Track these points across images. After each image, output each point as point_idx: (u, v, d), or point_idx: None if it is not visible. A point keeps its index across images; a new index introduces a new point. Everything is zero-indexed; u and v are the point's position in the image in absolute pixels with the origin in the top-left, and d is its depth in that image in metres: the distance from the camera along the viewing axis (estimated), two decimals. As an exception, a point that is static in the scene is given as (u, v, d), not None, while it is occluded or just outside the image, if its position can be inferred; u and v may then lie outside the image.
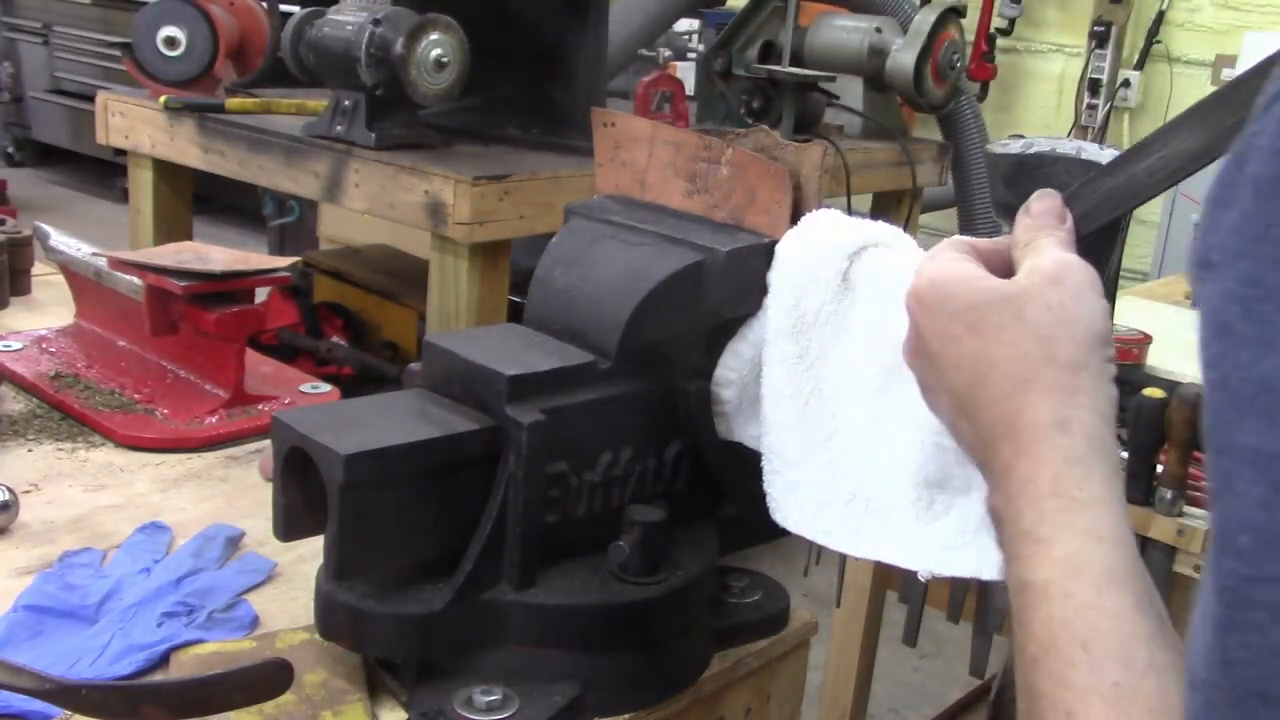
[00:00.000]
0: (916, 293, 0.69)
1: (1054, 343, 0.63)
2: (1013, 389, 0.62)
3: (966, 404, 0.66)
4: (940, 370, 0.68)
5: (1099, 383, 0.63)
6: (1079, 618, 0.55)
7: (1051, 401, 0.61)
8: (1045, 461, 0.60)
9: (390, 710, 0.87)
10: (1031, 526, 0.59)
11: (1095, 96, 4.78)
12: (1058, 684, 0.53)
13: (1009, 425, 0.62)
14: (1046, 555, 0.57)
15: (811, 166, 0.94)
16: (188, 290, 1.28)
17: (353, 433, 0.82)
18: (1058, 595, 0.56)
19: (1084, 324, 0.64)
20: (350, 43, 2.13)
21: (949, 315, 0.66)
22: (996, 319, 0.64)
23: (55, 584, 0.97)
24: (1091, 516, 0.59)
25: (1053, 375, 0.62)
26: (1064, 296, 0.64)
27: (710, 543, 0.97)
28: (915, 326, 0.70)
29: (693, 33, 4.00)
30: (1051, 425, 0.61)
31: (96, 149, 5.08)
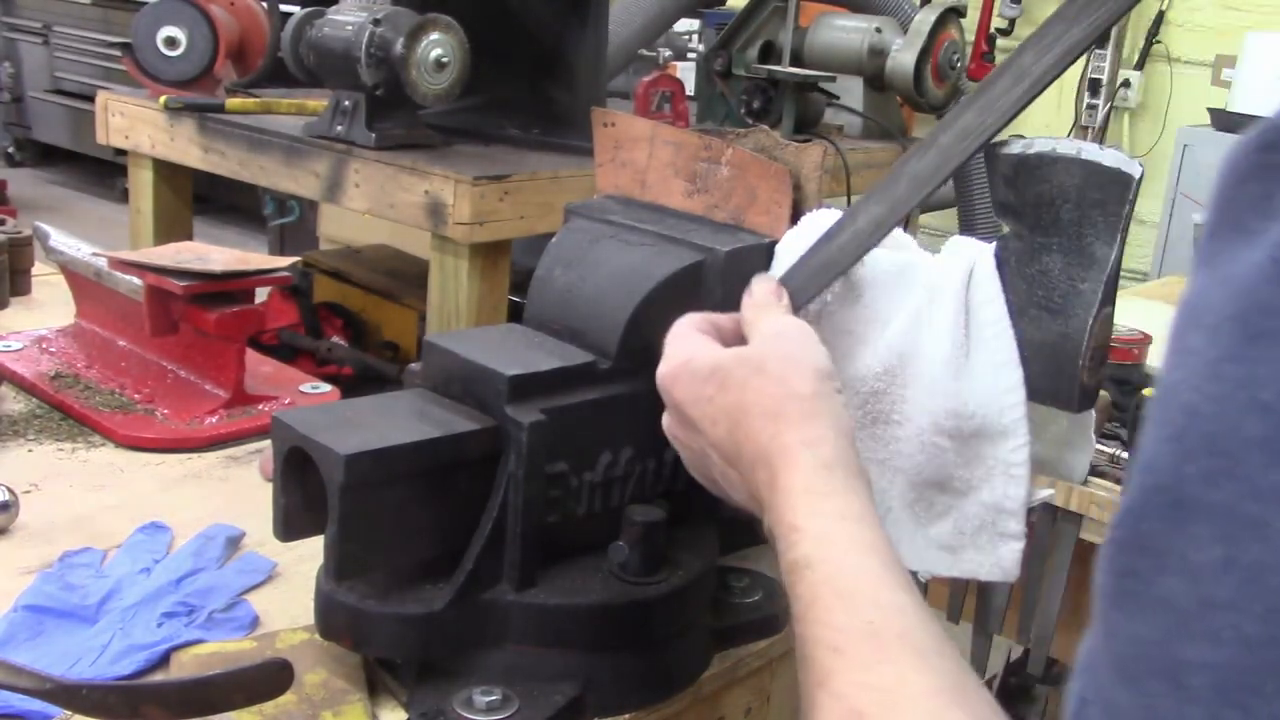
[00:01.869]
0: (668, 375, 0.79)
1: (791, 382, 0.74)
2: (765, 424, 0.73)
3: (730, 450, 0.75)
4: (702, 430, 0.77)
5: (834, 406, 0.74)
6: (835, 576, 0.64)
7: (799, 427, 0.72)
8: (798, 471, 0.70)
9: (390, 710, 0.87)
10: (790, 520, 0.68)
11: (1095, 96, 4.77)
12: (822, 627, 0.62)
13: (767, 453, 0.72)
14: (804, 536, 0.67)
15: (811, 166, 0.94)
16: (188, 290, 1.28)
17: (353, 433, 0.82)
18: (816, 562, 0.65)
19: (811, 364, 0.75)
20: (350, 43, 2.13)
21: (700, 381, 0.77)
22: (740, 374, 0.75)
23: (55, 584, 0.97)
24: (838, 503, 0.68)
25: (796, 406, 0.73)
26: (791, 346, 0.77)
27: (710, 543, 0.97)
28: (672, 404, 0.80)
29: (693, 33, 4.00)
30: (801, 444, 0.71)
31: (96, 149, 5.08)
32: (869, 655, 0.60)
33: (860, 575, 0.64)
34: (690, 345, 0.80)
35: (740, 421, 0.74)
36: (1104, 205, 0.77)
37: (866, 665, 0.59)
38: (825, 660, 0.61)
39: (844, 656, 0.60)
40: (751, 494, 0.74)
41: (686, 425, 0.79)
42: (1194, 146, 4.05)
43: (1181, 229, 3.83)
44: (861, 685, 0.59)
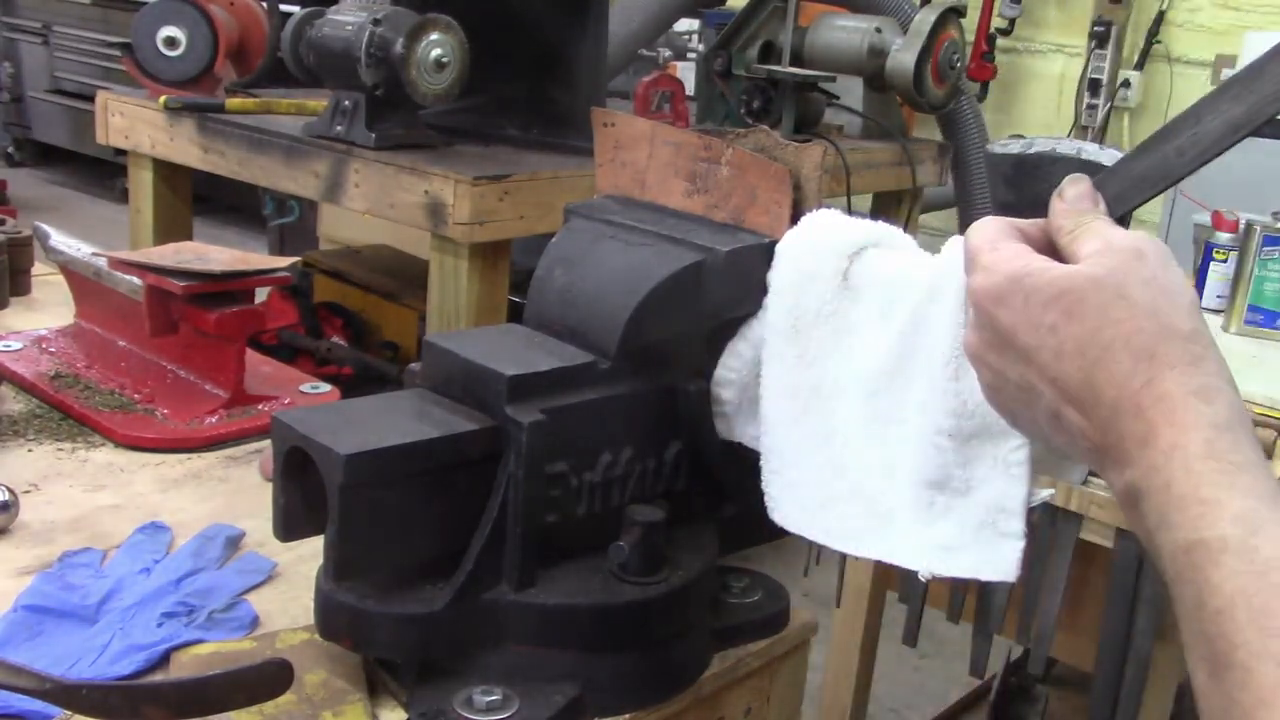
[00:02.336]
0: (992, 290, 0.68)
1: (1164, 315, 0.62)
2: (1135, 366, 0.61)
3: (1079, 390, 0.64)
4: (1037, 362, 0.66)
5: (1217, 349, 0.63)
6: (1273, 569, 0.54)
7: (1183, 372, 0.60)
8: (1193, 428, 0.59)
9: (390, 710, 0.87)
10: (1191, 490, 0.58)
11: (1095, 96, 4.77)
12: (1261, 633, 0.52)
13: (1139, 400, 0.61)
14: (1219, 513, 0.56)
15: (811, 166, 0.94)
16: (188, 290, 1.28)
17: (353, 433, 0.82)
18: (1241, 549, 0.55)
19: (1184, 293, 0.64)
20: (350, 43, 2.13)
21: (1039, 305, 0.65)
22: (1096, 300, 0.63)
23: (55, 584, 0.97)
24: (1253, 478, 0.58)
25: (1176, 347, 0.61)
26: (1155, 270, 0.64)
27: (710, 543, 0.97)
28: (996, 326, 0.68)
29: (693, 33, 4.00)
30: (1190, 394, 0.60)
31: (96, 149, 5.08)
32: None
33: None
34: (1016, 257, 0.67)
35: (1100, 359, 0.62)
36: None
37: None
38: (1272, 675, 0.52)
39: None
40: (1099, 444, 0.63)
41: (1009, 351, 0.67)
42: (1194, 146, 4.05)
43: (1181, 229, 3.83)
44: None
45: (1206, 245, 2.51)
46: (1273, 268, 2.30)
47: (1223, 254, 2.46)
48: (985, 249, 0.69)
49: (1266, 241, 2.30)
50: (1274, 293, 2.31)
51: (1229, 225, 2.49)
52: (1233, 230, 2.47)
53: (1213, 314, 2.44)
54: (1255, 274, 2.30)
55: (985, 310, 0.68)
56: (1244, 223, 2.38)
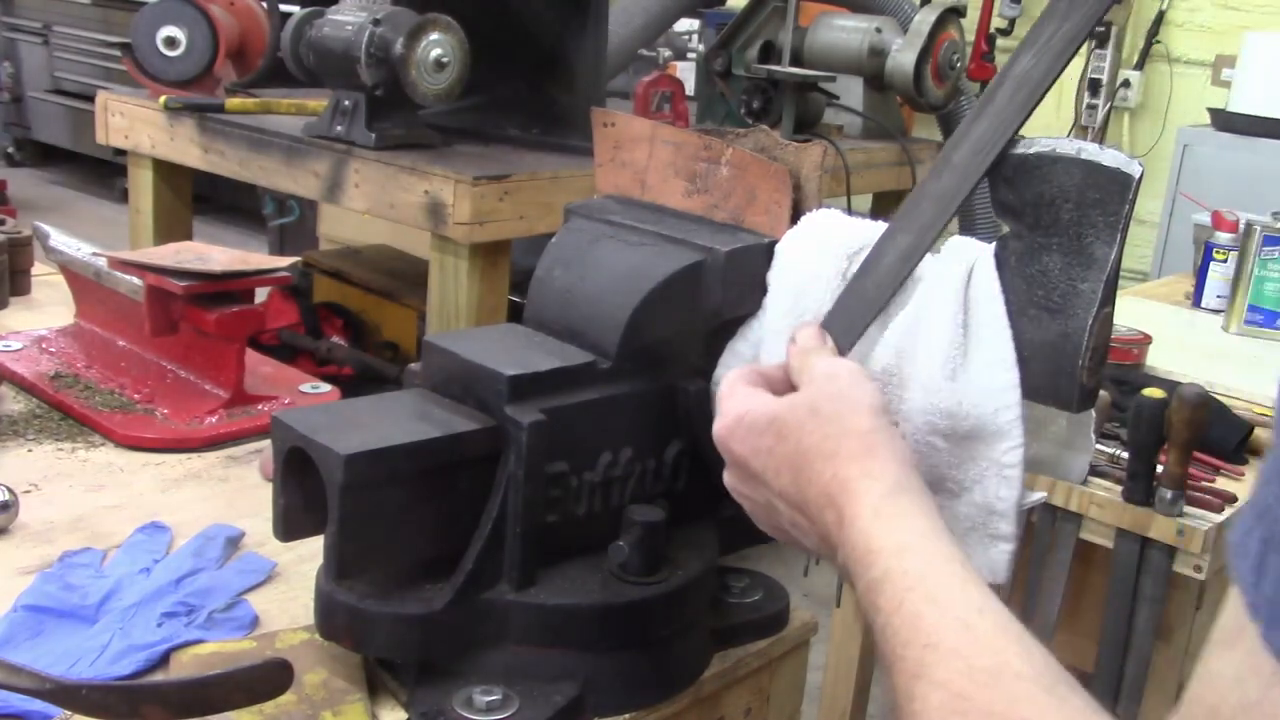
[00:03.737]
0: (725, 429, 0.79)
1: (845, 420, 0.74)
2: (825, 465, 0.73)
3: (795, 497, 0.75)
4: (766, 482, 0.77)
5: (891, 438, 0.74)
6: (920, 583, 0.64)
7: (859, 461, 0.72)
8: (865, 500, 0.70)
9: (390, 710, 0.87)
10: (865, 545, 0.68)
11: (1095, 96, 4.77)
12: (911, 629, 0.62)
13: (830, 492, 0.72)
14: (880, 555, 0.67)
15: (811, 166, 0.94)
16: (188, 290, 1.28)
17: (353, 433, 0.82)
18: (896, 574, 0.65)
19: (864, 401, 0.76)
20: (350, 43, 2.13)
21: (757, 433, 0.77)
22: (795, 420, 0.76)
23: (55, 584, 0.97)
24: (911, 523, 0.68)
25: (854, 443, 0.73)
26: (841, 386, 0.77)
27: (710, 543, 0.97)
28: (733, 460, 0.80)
29: (693, 33, 4.00)
30: (863, 477, 0.71)
31: (96, 149, 5.08)
32: (967, 645, 0.59)
33: (946, 579, 0.64)
34: (743, 399, 0.80)
35: (802, 467, 0.74)
36: (1104, 205, 0.77)
37: (965, 654, 0.59)
38: (918, 655, 0.60)
39: (939, 650, 0.60)
40: (822, 537, 0.74)
41: (749, 479, 0.79)
42: (1194, 146, 4.05)
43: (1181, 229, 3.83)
44: (963, 671, 0.58)
45: (1206, 245, 2.51)
46: (1273, 268, 2.30)
47: (1223, 254, 2.46)
48: (725, 396, 0.81)
49: (1266, 241, 2.30)
50: (1274, 293, 2.31)
51: (1229, 225, 2.49)
52: (1233, 230, 2.47)
53: (1213, 314, 2.44)
54: (1255, 274, 2.30)
55: (724, 446, 0.80)
56: (1244, 223, 2.38)
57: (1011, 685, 0.56)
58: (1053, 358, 0.80)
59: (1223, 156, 3.90)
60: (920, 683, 0.59)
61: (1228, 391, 1.90)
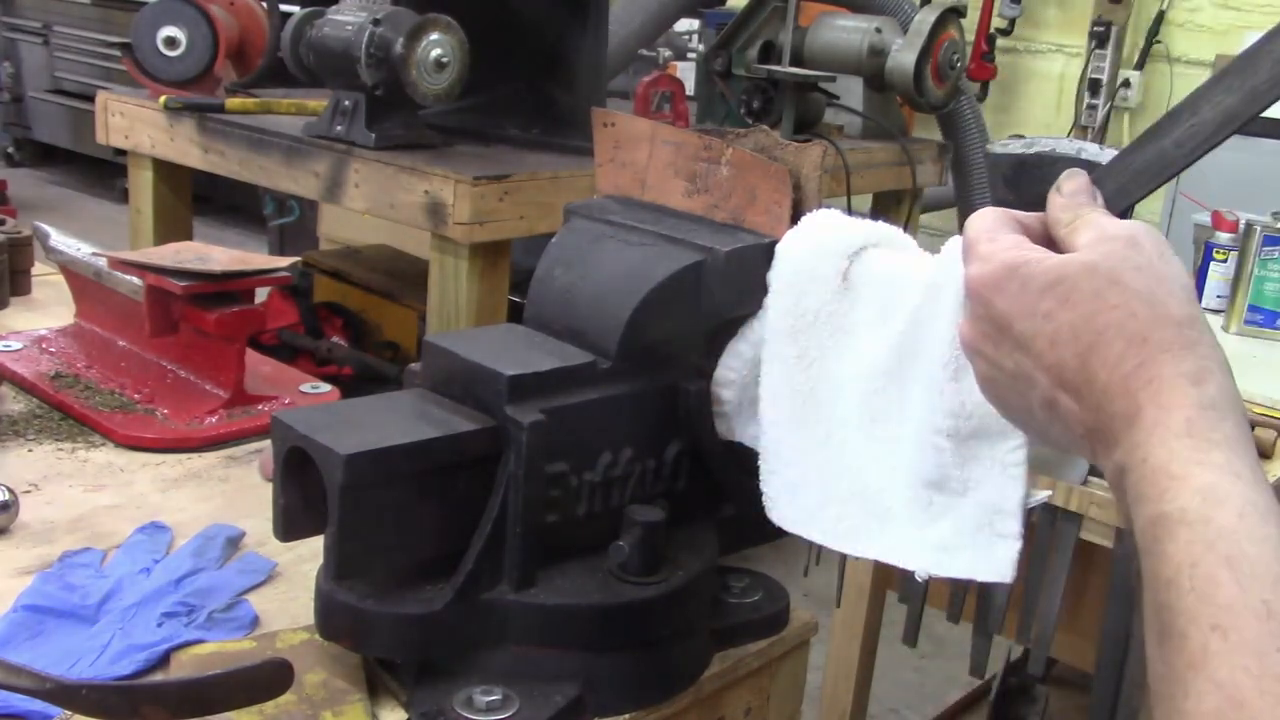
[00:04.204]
0: (989, 278, 0.68)
1: (1158, 301, 0.63)
2: (1128, 349, 0.62)
3: (1074, 375, 0.64)
4: (1035, 350, 0.66)
5: (1211, 334, 0.63)
6: (1222, 539, 0.54)
7: (1175, 355, 0.61)
8: (1177, 408, 0.59)
9: (390, 710, 0.87)
10: (1164, 464, 0.58)
11: (1095, 96, 4.77)
12: (1200, 600, 0.53)
13: (1130, 383, 0.61)
14: (1184, 487, 0.57)
15: (811, 166, 0.94)
16: (188, 290, 1.28)
17: (353, 433, 0.82)
18: (1197, 521, 0.55)
19: (1178, 280, 0.64)
20: (350, 43, 2.13)
21: (1035, 293, 0.66)
22: (1089, 287, 0.64)
23: (55, 584, 0.97)
24: (1227, 455, 0.58)
25: (1169, 332, 0.62)
26: (1149, 257, 0.65)
27: (710, 543, 0.97)
28: (992, 315, 0.68)
29: (693, 33, 4.00)
30: (1180, 376, 0.60)
31: (96, 149, 5.09)
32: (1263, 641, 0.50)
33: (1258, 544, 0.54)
34: (1013, 248, 0.68)
35: (1095, 343, 0.63)
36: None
37: (1259, 652, 0.50)
38: (1203, 639, 0.52)
39: (1229, 638, 0.51)
40: (1094, 429, 0.64)
41: (1005, 341, 0.68)
42: (1195, 146, 4.05)
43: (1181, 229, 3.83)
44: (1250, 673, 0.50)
45: (1206, 245, 2.51)
46: (1273, 268, 2.30)
47: (1223, 254, 2.46)
48: (983, 239, 0.70)
49: (1266, 241, 2.30)
50: (1274, 293, 2.31)
51: (1229, 225, 2.49)
52: (1233, 230, 2.47)
53: (1213, 314, 2.44)
54: (1255, 274, 2.30)
55: (982, 298, 0.69)
56: (1244, 223, 2.38)
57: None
58: (1053, 358, 0.80)
59: (1223, 156, 3.89)
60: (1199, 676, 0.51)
61: (1228, 391, 1.90)
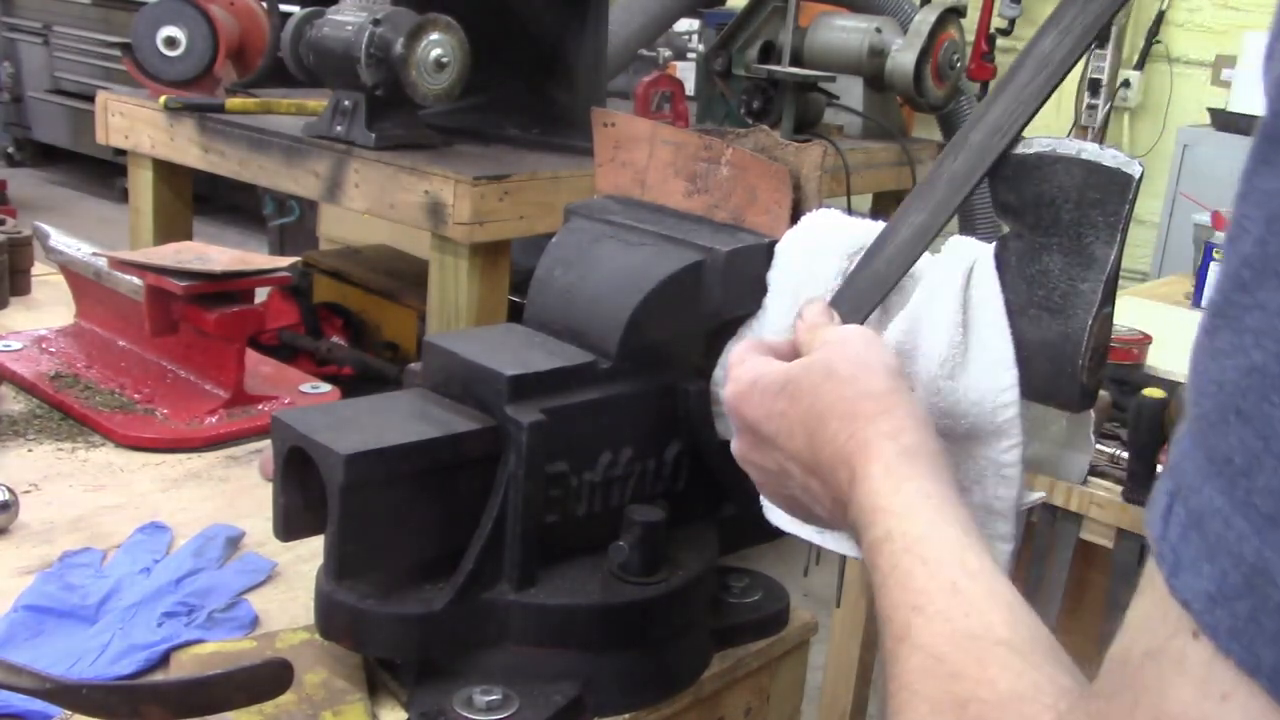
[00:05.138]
0: (737, 394, 0.79)
1: (862, 381, 0.73)
2: (842, 425, 0.72)
3: (809, 459, 0.74)
4: (779, 446, 0.76)
5: (908, 399, 0.73)
6: (917, 544, 0.63)
7: (876, 422, 0.71)
8: (879, 459, 0.69)
9: (390, 710, 0.87)
10: (871, 502, 0.68)
11: (1095, 96, 4.77)
12: (902, 591, 0.61)
13: (846, 452, 0.71)
14: (885, 514, 0.66)
15: (811, 166, 0.94)
16: (188, 290, 1.28)
17: (353, 433, 0.82)
18: (896, 535, 0.65)
19: (880, 362, 0.75)
20: (350, 43, 2.13)
21: (770, 396, 0.76)
22: (810, 381, 0.75)
23: (55, 584, 0.97)
24: (918, 484, 0.67)
25: (870, 404, 0.72)
26: (856, 349, 0.76)
27: (710, 543, 0.97)
28: (744, 424, 0.79)
29: (693, 33, 4.00)
30: (880, 436, 0.70)
31: (96, 149, 5.08)
32: (953, 609, 0.58)
33: (943, 542, 0.63)
34: (755, 365, 0.79)
35: (817, 429, 0.73)
36: (1104, 205, 0.77)
37: (949, 617, 0.58)
38: (905, 618, 0.60)
39: (924, 613, 0.59)
40: (834, 498, 0.73)
41: (761, 444, 0.78)
42: (1194, 146, 4.05)
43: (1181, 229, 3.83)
44: (944, 634, 0.57)
45: (1206, 245, 2.51)
46: (1273, 268, 2.29)
47: (1222, 254, 2.46)
48: (735, 364, 0.81)
49: (1266, 241, 2.29)
50: (1274, 293, 2.30)
51: (1229, 225, 2.49)
52: (1233, 230, 2.46)
53: (1213, 314, 2.43)
54: (1255, 274, 2.30)
55: (736, 412, 0.79)
56: (1244, 223, 2.38)
57: (988, 649, 0.55)
58: (1053, 358, 0.80)
59: (1223, 156, 3.90)
60: (904, 645, 0.59)
61: (1228, 391, 1.90)
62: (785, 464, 0.77)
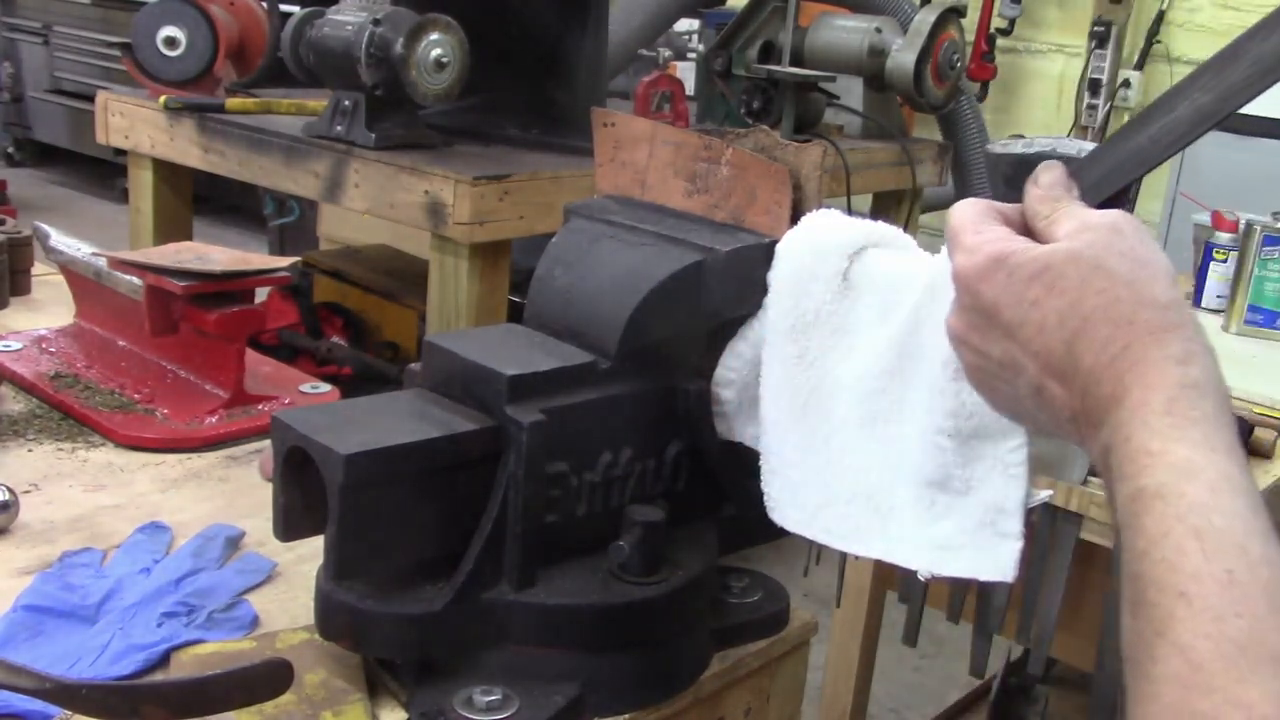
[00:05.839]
0: (976, 268, 0.69)
1: (1141, 285, 0.64)
2: (1114, 332, 0.63)
3: (1061, 361, 0.65)
4: (1023, 337, 0.67)
5: (1194, 317, 0.65)
6: (1193, 512, 0.55)
7: (1159, 337, 0.62)
8: (1159, 388, 0.60)
9: (390, 710, 0.87)
10: (1144, 442, 0.59)
11: (1095, 96, 4.77)
12: (1169, 570, 0.54)
13: (1116, 366, 0.62)
14: (1161, 462, 0.58)
15: (811, 166, 0.94)
16: (188, 290, 1.28)
17: (353, 433, 0.82)
18: (1172, 495, 0.56)
19: (1161, 265, 0.66)
20: (350, 43, 2.13)
21: (1022, 281, 0.67)
22: (1075, 274, 0.65)
23: (55, 584, 0.97)
24: (1204, 431, 0.59)
25: (1153, 314, 0.63)
26: (1132, 244, 0.66)
27: (710, 543, 0.97)
28: (980, 304, 0.69)
29: (693, 33, 4.00)
30: (1164, 357, 0.62)
31: (96, 149, 5.08)
32: (1224, 606, 0.52)
33: (1227, 517, 0.55)
34: (999, 239, 0.69)
35: (1082, 328, 0.64)
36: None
37: (1219, 617, 0.51)
38: (1169, 606, 0.53)
39: (1193, 604, 0.52)
40: (1080, 412, 0.65)
41: (993, 329, 0.69)
42: (1194, 146, 4.05)
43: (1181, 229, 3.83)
44: (1209, 637, 0.51)
45: (1206, 245, 2.51)
46: (1273, 268, 2.30)
47: (1223, 254, 2.46)
48: (968, 230, 0.71)
49: (1266, 241, 2.30)
50: (1274, 293, 2.31)
51: (1229, 225, 2.49)
52: (1233, 230, 2.47)
53: (1213, 314, 2.44)
54: (1255, 274, 2.30)
55: (969, 288, 0.70)
56: (1244, 223, 2.38)
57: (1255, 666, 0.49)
58: (1053, 357, 0.80)
59: (1223, 156, 3.90)
60: (1163, 642, 0.52)
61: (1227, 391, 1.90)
62: (1020, 358, 0.68)
